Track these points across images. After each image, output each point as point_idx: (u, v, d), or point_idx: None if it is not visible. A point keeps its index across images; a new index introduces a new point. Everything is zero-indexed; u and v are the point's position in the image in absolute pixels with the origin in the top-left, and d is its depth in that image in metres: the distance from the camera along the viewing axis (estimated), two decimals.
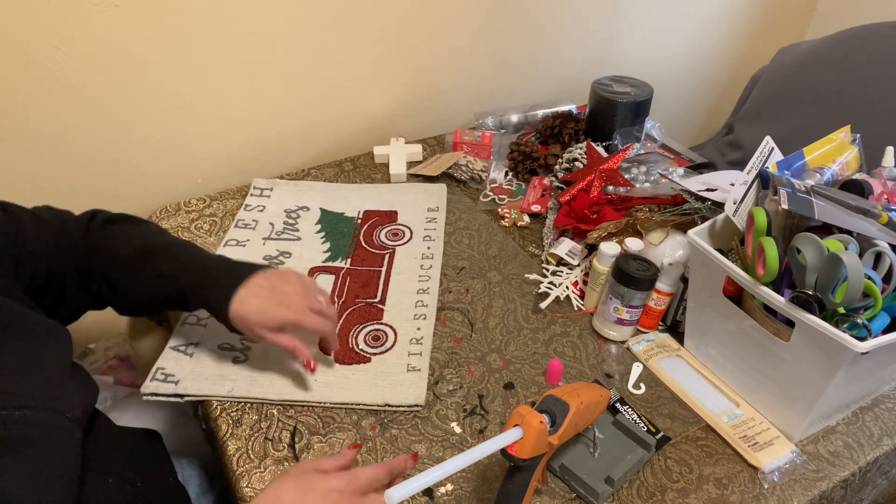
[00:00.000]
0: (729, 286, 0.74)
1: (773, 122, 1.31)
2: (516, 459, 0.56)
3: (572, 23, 1.38)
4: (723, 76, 1.76)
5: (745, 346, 0.75)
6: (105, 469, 0.61)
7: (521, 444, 0.56)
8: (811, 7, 1.76)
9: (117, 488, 0.62)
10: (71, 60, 0.95)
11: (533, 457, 0.57)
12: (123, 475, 0.63)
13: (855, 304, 0.63)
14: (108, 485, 0.61)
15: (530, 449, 0.56)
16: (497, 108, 1.33)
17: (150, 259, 0.72)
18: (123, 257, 0.72)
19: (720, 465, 0.73)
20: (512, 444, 0.56)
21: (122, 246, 0.73)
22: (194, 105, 1.09)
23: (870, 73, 1.18)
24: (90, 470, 0.58)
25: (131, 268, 0.72)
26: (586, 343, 0.87)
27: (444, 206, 1.11)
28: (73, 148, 1.03)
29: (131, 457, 0.68)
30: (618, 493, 0.69)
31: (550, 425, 0.59)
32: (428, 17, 1.21)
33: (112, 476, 0.62)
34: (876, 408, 0.80)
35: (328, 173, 1.19)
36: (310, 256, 0.99)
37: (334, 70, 1.18)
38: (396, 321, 0.88)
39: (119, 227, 0.76)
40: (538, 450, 0.57)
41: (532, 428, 0.56)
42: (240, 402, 0.77)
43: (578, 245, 0.99)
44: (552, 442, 0.59)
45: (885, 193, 0.76)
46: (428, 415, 0.77)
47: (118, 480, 0.62)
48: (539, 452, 0.58)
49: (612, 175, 1.03)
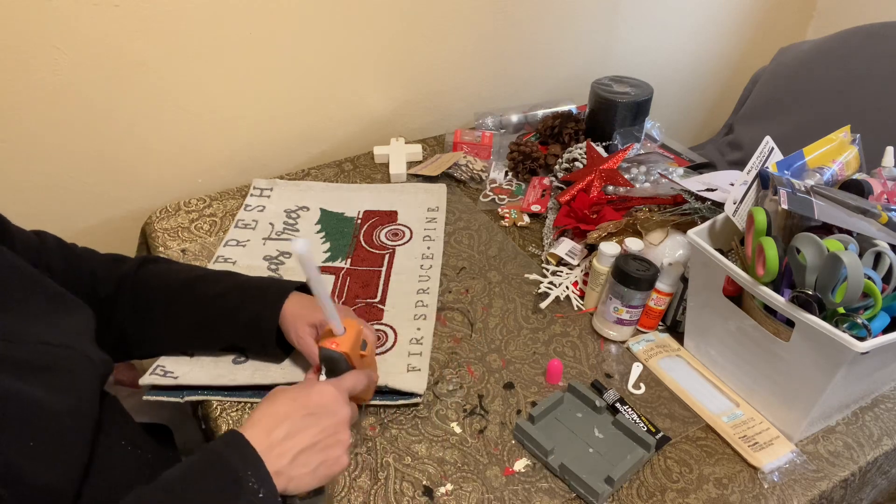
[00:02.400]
0: (729, 286, 0.74)
1: (773, 122, 1.31)
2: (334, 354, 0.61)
3: (572, 23, 1.38)
4: (723, 76, 1.76)
5: (745, 346, 0.75)
6: (117, 433, 0.63)
7: (343, 340, 0.61)
8: (811, 7, 1.76)
9: (130, 453, 0.64)
10: (71, 60, 0.95)
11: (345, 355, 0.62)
12: (135, 443, 0.65)
13: (855, 304, 0.63)
14: (121, 447, 0.63)
15: (350, 345, 0.61)
16: (497, 108, 1.33)
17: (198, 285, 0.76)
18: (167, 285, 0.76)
19: (720, 465, 0.73)
20: (334, 340, 0.61)
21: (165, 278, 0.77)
22: (194, 105, 1.09)
23: (870, 73, 1.18)
24: (103, 431, 0.60)
25: (176, 297, 0.76)
26: (586, 343, 0.87)
27: (444, 206, 1.11)
28: (73, 148, 1.03)
29: (143, 434, 0.70)
30: (618, 493, 0.69)
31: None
32: (428, 18, 1.21)
33: (124, 440, 0.64)
34: (876, 408, 0.80)
35: (328, 173, 1.19)
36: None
37: (334, 70, 1.18)
38: (396, 321, 0.88)
39: (159, 266, 0.79)
40: (354, 351, 0.62)
41: (353, 327, 0.63)
42: (240, 402, 0.77)
43: (578, 245, 0.99)
44: (363, 355, 0.65)
45: (885, 193, 0.76)
46: (428, 415, 0.77)
47: (130, 445, 0.64)
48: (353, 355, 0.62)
49: (612, 175, 1.03)
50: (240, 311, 0.75)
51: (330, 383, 0.59)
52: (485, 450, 0.73)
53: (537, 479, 0.70)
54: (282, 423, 0.54)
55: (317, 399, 0.57)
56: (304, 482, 0.54)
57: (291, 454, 0.53)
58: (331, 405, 0.57)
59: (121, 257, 0.79)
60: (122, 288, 0.75)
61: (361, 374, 0.63)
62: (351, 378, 0.62)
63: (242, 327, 0.75)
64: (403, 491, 0.69)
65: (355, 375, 0.62)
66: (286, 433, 0.54)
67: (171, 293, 0.76)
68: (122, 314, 0.75)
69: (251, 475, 0.51)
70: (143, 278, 0.76)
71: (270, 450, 0.53)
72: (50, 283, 0.63)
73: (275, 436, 0.53)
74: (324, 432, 0.55)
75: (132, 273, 0.76)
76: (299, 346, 0.74)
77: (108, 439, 0.61)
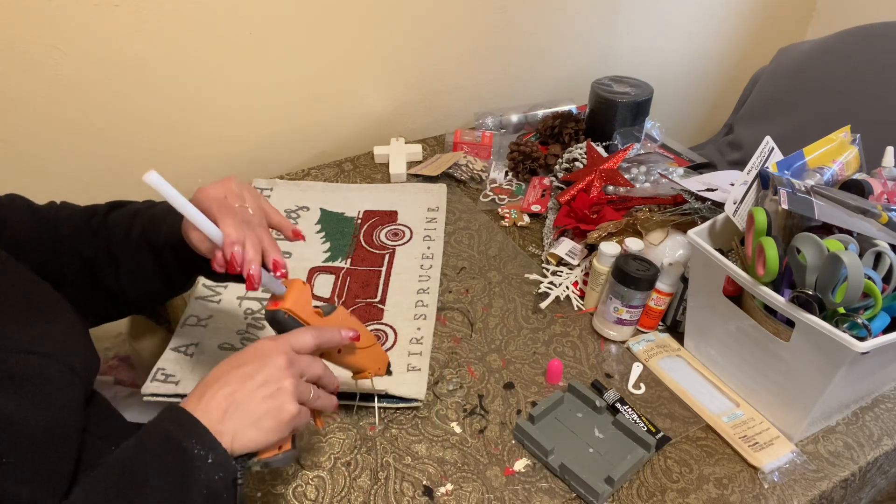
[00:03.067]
0: (729, 286, 0.74)
1: (773, 122, 1.31)
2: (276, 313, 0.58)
3: (572, 23, 1.38)
4: (723, 76, 1.76)
5: (745, 346, 0.75)
6: (107, 437, 0.61)
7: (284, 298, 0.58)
8: (811, 7, 1.76)
9: None
10: (71, 60, 0.95)
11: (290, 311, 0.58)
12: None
13: (855, 304, 0.63)
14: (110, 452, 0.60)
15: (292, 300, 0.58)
16: (497, 108, 1.33)
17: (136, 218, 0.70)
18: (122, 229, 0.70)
19: (720, 465, 0.73)
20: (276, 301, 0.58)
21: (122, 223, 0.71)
22: (194, 105, 1.09)
23: (869, 73, 1.18)
24: (91, 434, 0.59)
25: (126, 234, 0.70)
26: (586, 343, 0.87)
27: (444, 206, 1.11)
28: (73, 147, 1.03)
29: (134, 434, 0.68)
30: (618, 493, 0.69)
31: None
32: (428, 18, 1.21)
33: (114, 445, 0.61)
34: (876, 408, 0.80)
35: (328, 173, 1.19)
36: (310, 256, 0.99)
37: (334, 70, 1.18)
38: (396, 321, 0.88)
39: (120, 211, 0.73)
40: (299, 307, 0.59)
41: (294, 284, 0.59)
42: None
43: (578, 245, 0.99)
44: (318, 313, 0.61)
45: (885, 193, 0.76)
46: (428, 415, 0.77)
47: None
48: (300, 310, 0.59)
49: (612, 175, 1.03)
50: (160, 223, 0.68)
51: (268, 338, 0.56)
52: (485, 450, 0.73)
53: (537, 479, 0.70)
54: (214, 385, 0.52)
55: (248, 354, 0.54)
56: (248, 436, 0.51)
57: (221, 409, 0.51)
58: (263, 356, 0.54)
59: (93, 210, 0.73)
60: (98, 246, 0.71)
61: (308, 328, 0.59)
62: (295, 332, 0.57)
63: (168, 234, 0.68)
64: (403, 491, 0.69)
65: (300, 330, 0.58)
66: (219, 393, 0.52)
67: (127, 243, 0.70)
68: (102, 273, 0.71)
69: (195, 443, 0.48)
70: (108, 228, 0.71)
71: (204, 412, 0.50)
72: (31, 279, 0.60)
73: (207, 397, 0.51)
74: (256, 382, 0.52)
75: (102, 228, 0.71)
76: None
77: (95, 444, 0.59)
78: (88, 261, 0.71)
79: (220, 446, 0.49)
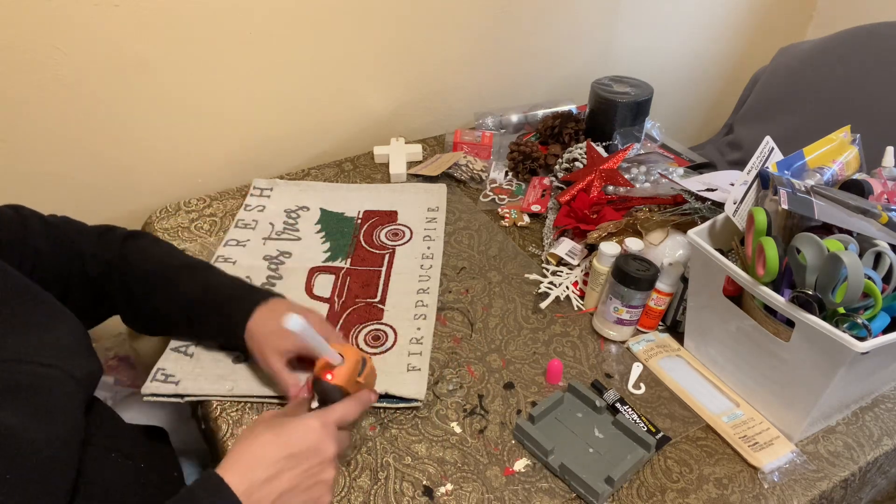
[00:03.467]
0: (729, 286, 0.74)
1: (773, 122, 1.31)
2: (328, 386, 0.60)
3: (572, 23, 1.38)
4: (723, 76, 1.76)
5: (745, 346, 0.75)
6: (108, 445, 0.61)
7: (339, 371, 0.61)
8: (811, 7, 1.76)
9: (120, 464, 0.62)
10: (71, 60, 0.95)
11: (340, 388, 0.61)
12: (126, 452, 0.63)
13: (855, 304, 0.63)
14: (111, 459, 0.61)
15: (346, 376, 0.61)
16: (497, 108, 1.33)
17: (172, 279, 0.74)
18: (146, 274, 0.74)
19: (720, 465, 0.73)
20: (330, 371, 0.61)
21: (145, 263, 0.75)
22: (194, 105, 1.09)
23: (870, 73, 1.18)
24: (92, 444, 0.58)
25: (153, 285, 0.74)
26: (586, 343, 0.87)
27: (444, 206, 1.11)
28: (73, 148, 1.03)
29: (135, 441, 0.68)
30: (618, 493, 0.69)
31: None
32: (428, 18, 1.21)
33: (115, 452, 0.62)
34: (876, 408, 0.80)
35: (328, 173, 1.19)
36: (310, 256, 0.99)
37: (334, 70, 1.18)
38: (396, 321, 0.88)
39: (139, 244, 0.77)
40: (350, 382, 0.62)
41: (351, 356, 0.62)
42: (240, 402, 0.77)
43: (578, 245, 0.99)
44: (360, 381, 0.64)
45: (885, 193, 0.76)
46: (428, 415, 0.77)
47: (121, 456, 0.62)
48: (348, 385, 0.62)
49: (612, 175, 1.03)
50: (209, 318, 0.73)
51: (317, 417, 0.57)
52: (485, 450, 0.73)
53: (537, 479, 0.70)
54: (261, 465, 0.52)
55: (299, 438, 0.54)
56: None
57: (270, 499, 0.51)
58: (315, 444, 0.54)
59: (104, 230, 0.76)
60: (111, 268, 0.73)
61: (354, 402, 0.61)
62: (341, 408, 0.59)
63: (214, 335, 0.76)
64: (403, 491, 0.69)
65: (346, 405, 0.60)
66: (266, 476, 0.52)
67: (146, 283, 0.74)
68: (113, 294, 0.74)
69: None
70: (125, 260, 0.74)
71: (249, 494, 0.50)
72: (35, 289, 0.60)
73: (254, 478, 0.51)
74: (305, 473, 0.53)
75: (117, 253, 0.74)
76: (266, 370, 0.72)
77: (96, 452, 0.59)
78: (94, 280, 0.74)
79: None
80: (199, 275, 0.76)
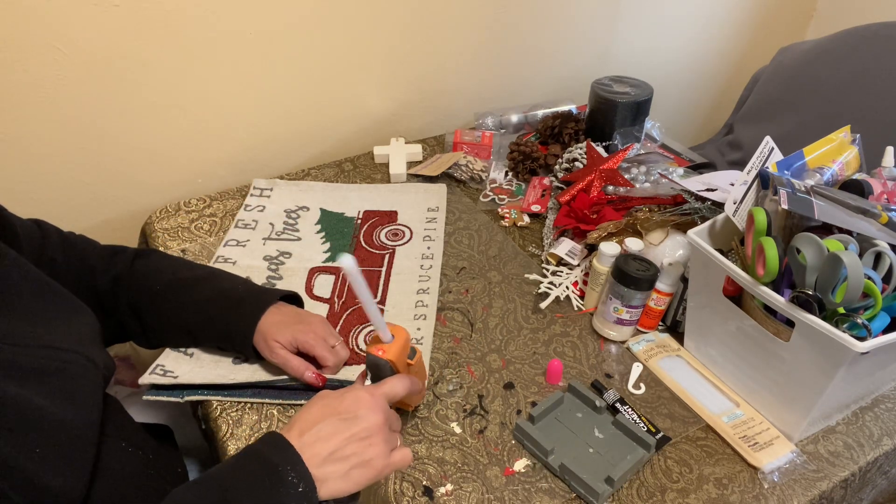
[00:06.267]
0: (729, 286, 0.74)
1: (773, 122, 1.31)
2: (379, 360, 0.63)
3: (572, 23, 1.38)
4: (723, 76, 1.76)
5: (745, 346, 0.75)
6: (118, 435, 0.64)
7: (389, 347, 0.64)
8: (811, 7, 1.76)
9: (131, 454, 0.64)
10: (71, 60, 0.95)
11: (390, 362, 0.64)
12: (136, 443, 0.66)
13: (855, 304, 0.63)
14: (122, 448, 0.64)
15: (397, 352, 0.64)
16: (497, 108, 1.33)
17: (179, 289, 0.78)
18: (152, 286, 0.77)
19: (720, 465, 0.73)
20: (382, 347, 0.64)
21: (151, 276, 0.78)
22: (194, 105, 1.09)
23: (870, 73, 1.18)
24: (104, 434, 0.61)
25: (162, 300, 0.77)
26: (586, 343, 0.87)
27: (444, 206, 1.11)
28: (73, 148, 1.03)
29: (142, 435, 0.70)
30: (618, 493, 0.69)
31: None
32: (428, 18, 1.21)
33: (125, 441, 0.65)
34: (876, 408, 0.80)
35: (328, 173, 1.19)
36: (310, 256, 0.99)
37: (334, 70, 1.18)
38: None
39: (147, 261, 0.80)
40: (400, 359, 0.64)
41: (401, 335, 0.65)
42: (240, 402, 0.77)
43: (578, 245, 0.99)
44: (410, 364, 0.66)
45: (885, 193, 0.76)
46: (428, 415, 0.77)
47: (131, 446, 0.65)
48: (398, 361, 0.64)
49: (612, 175, 1.03)
50: (216, 321, 0.76)
51: (365, 389, 0.59)
52: (485, 450, 0.73)
53: (537, 479, 0.70)
54: (313, 427, 0.55)
55: (348, 404, 0.57)
56: (335, 486, 0.54)
57: (322, 456, 0.54)
58: (362, 410, 0.57)
59: (118, 249, 0.80)
60: (119, 285, 0.77)
61: (402, 378, 0.63)
62: (389, 383, 0.62)
63: (222, 338, 0.78)
64: (403, 491, 0.69)
65: (394, 381, 0.62)
66: (317, 437, 0.55)
67: (155, 297, 0.77)
68: (121, 309, 0.77)
69: (290, 469, 0.52)
70: (134, 277, 0.78)
71: (303, 450, 0.54)
72: (56, 285, 0.64)
73: (306, 438, 0.54)
74: (354, 437, 0.56)
75: (126, 270, 0.78)
76: (272, 360, 0.76)
77: (109, 441, 0.61)
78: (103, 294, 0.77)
79: (312, 480, 0.52)
80: (207, 283, 0.79)
